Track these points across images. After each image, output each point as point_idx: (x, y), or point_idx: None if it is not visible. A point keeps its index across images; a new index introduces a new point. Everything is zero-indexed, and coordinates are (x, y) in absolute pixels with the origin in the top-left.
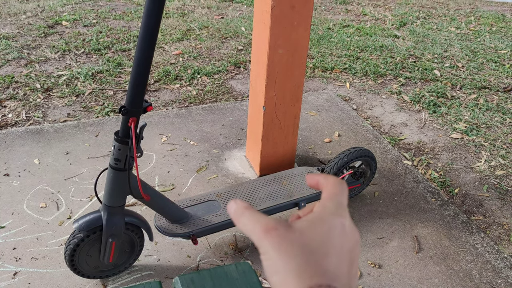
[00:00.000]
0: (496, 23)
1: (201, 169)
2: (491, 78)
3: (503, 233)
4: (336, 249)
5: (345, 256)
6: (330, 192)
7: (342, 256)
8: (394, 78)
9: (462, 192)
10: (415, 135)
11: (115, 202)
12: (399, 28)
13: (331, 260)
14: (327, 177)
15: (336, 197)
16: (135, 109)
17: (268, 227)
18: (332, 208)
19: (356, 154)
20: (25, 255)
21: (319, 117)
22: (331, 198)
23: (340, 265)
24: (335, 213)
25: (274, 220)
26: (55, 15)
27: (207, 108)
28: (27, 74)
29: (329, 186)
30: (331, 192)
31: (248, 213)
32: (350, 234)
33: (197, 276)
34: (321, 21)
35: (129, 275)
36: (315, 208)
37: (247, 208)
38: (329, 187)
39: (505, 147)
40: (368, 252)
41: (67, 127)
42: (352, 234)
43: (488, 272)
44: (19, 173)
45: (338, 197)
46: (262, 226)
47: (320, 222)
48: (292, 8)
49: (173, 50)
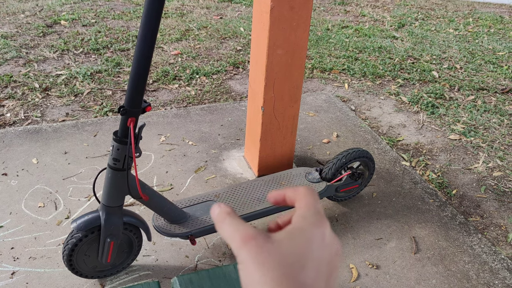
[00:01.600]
0: (494, 25)
1: (199, 169)
2: (489, 79)
3: (500, 234)
4: (314, 261)
5: (324, 268)
6: (305, 202)
7: (321, 268)
8: (392, 79)
9: (460, 193)
10: (413, 136)
11: (114, 202)
12: (398, 29)
13: (309, 273)
14: (296, 188)
15: (313, 206)
16: (134, 109)
17: (246, 236)
18: (311, 218)
19: (355, 155)
20: (23, 255)
21: (318, 117)
22: (308, 208)
23: (317, 278)
24: (315, 223)
25: (254, 229)
26: (54, 14)
27: (205, 108)
28: (25, 74)
29: (302, 196)
30: (307, 202)
31: (229, 220)
32: (330, 245)
33: (196, 276)
34: (320, 21)
35: (127, 275)
36: (294, 219)
37: (229, 214)
38: (303, 197)
39: (503, 149)
40: (366, 252)
41: (65, 126)
42: (332, 244)
43: (485, 273)
44: (17, 172)
45: (315, 206)
46: (241, 234)
47: (299, 233)
48: (291, 9)
49: (172, 50)
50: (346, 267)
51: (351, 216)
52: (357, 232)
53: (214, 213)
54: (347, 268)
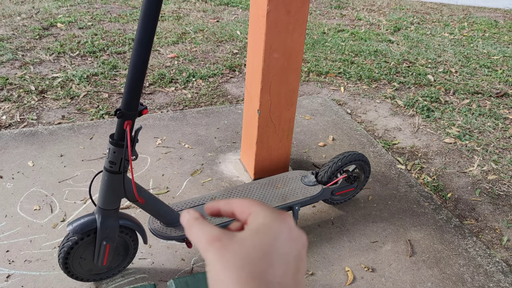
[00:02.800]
0: (489, 29)
1: (195, 172)
2: (484, 83)
3: (495, 237)
4: (281, 258)
5: (292, 263)
6: (258, 204)
7: (288, 264)
8: (388, 83)
9: (455, 197)
10: (409, 140)
11: (110, 205)
12: (393, 33)
13: (276, 271)
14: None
15: (267, 206)
16: (131, 112)
17: (212, 237)
18: (273, 215)
19: (350, 158)
20: (18, 258)
21: (314, 121)
22: (262, 208)
23: (285, 275)
24: (278, 219)
25: (220, 230)
26: (50, 17)
27: (202, 111)
28: (21, 76)
29: (245, 201)
30: (259, 204)
31: (197, 224)
32: (297, 238)
33: (192, 279)
34: (316, 25)
35: (123, 278)
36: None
37: (197, 219)
38: (247, 202)
39: (497, 152)
40: (361, 255)
41: (61, 129)
42: (298, 238)
43: (480, 276)
44: (12, 175)
45: (269, 207)
46: (207, 236)
47: (264, 229)
48: (288, 13)
49: (168, 53)
50: (342, 270)
51: (347, 219)
52: (352, 235)
53: (184, 219)
54: (342, 271)
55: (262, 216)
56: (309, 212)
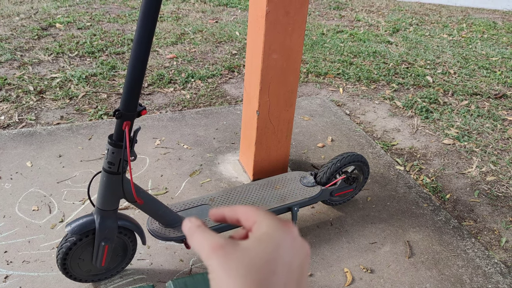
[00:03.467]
0: (488, 30)
1: (194, 173)
2: (483, 84)
3: (493, 239)
4: (285, 266)
5: (294, 272)
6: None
7: (292, 272)
8: (387, 84)
9: (454, 198)
10: (408, 141)
11: (108, 206)
12: (392, 34)
13: (279, 279)
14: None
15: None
16: (130, 113)
17: (215, 245)
18: (276, 224)
19: (349, 159)
20: (17, 258)
21: (313, 122)
22: (266, 216)
23: (288, 283)
24: (282, 228)
25: (223, 238)
26: (49, 17)
27: (201, 112)
28: (20, 76)
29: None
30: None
31: (199, 232)
32: (300, 248)
33: (190, 280)
34: (315, 26)
35: (122, 279)
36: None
37: (199, 227)
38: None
39: (496, 153)
40: (360, 256)
41: (60, 130)
42: (301, 247)
43: (478, 277)
44: (11, 175)
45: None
46: (209, 244)
47: (268, 238)
48: (287, 14)
49: (167, 54)
50: (341, 271)
51: (346, 220)
52: (351, 236)
53: (186, 227)
54: (341, 272)
55: (265, 224)
56: (308, 213)
